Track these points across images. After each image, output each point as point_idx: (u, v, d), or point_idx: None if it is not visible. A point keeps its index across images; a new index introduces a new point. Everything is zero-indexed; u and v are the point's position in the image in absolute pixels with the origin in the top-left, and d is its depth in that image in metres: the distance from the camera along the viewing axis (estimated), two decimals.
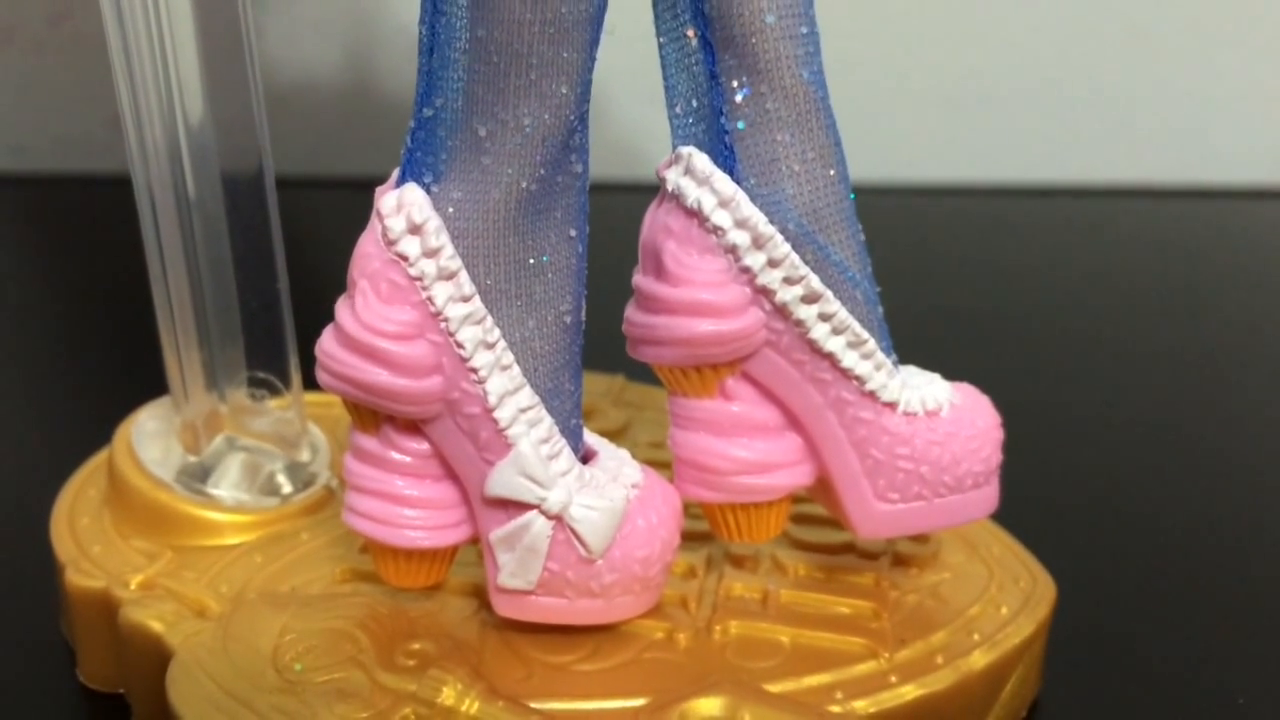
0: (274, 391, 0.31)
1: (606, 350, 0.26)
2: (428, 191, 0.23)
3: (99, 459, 0.32)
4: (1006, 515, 0.30)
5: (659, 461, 0.28)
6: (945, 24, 0.68)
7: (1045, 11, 0.68)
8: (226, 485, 0.30)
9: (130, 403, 0.33)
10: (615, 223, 0.26)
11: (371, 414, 0.25)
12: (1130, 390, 0.46)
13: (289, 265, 0.30)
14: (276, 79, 0.68)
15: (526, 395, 0.25)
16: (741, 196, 0.24)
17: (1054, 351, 0.49)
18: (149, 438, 0.31)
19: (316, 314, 0.26)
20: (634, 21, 0.25)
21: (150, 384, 0.32)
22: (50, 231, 0.62)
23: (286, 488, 0.31)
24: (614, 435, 0.35)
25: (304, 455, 0.31)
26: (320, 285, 0.24)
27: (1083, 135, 0.69)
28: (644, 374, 0.27)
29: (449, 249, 0.23)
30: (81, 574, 0.28)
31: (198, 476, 0.30)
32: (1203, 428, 0.43)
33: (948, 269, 0.58)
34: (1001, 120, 0.69)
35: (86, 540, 0.29)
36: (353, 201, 0.24)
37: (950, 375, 0.28)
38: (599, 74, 0.24)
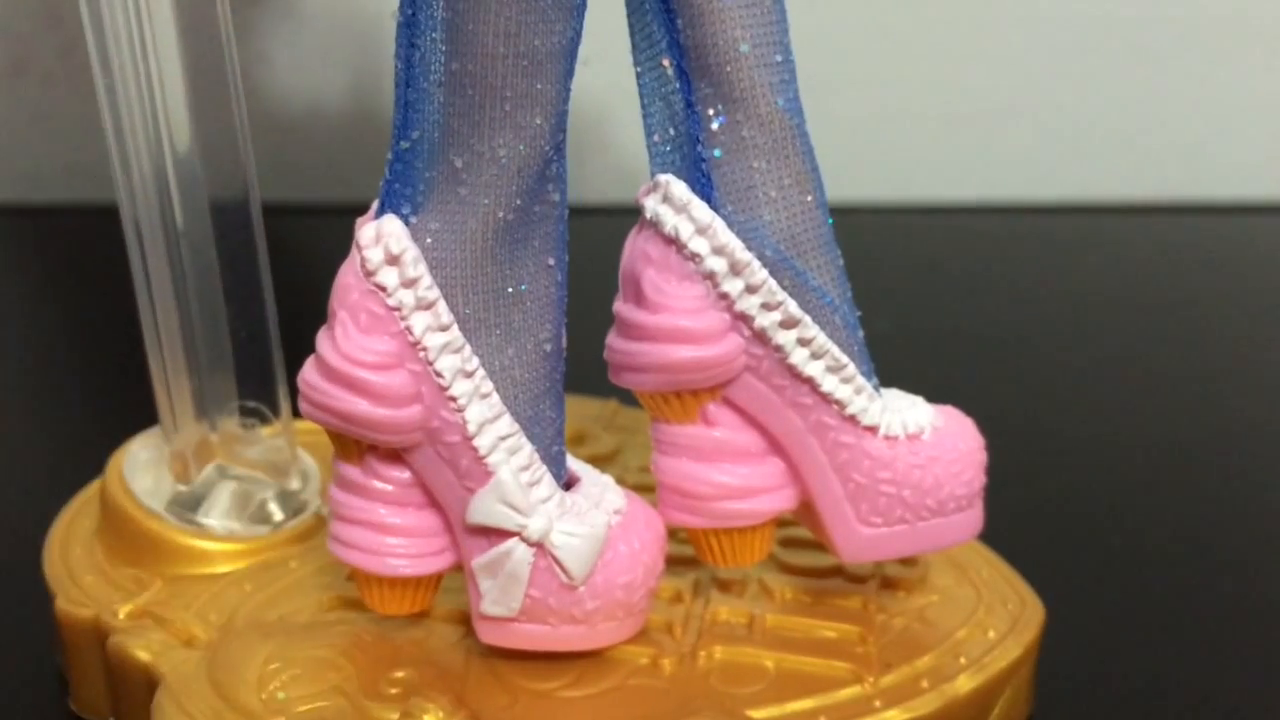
0: (264, 420, 0.31)
1: (602, 375, 0.26)
2: (406, 222, 0.24)
3: (92, 489, 0.33)
4: (998, 537, 0.30)
5: (649, 486, 0.28)
6: (945, 42, 0.68)
7: (1044, 29, 0.68)
8: (217, 514, 0.30)
9: (125, 432, 0.33)
10: (621, 246, 0.26)
11: (354, 443, 0.25)
12: (1129, 409, 0.46)
13: (295, 292, 0.30)
14: (285, 107, 0.69)
15: (506, 423, 0.25)
16: (719, 223, 0.24)
17: (1055, 369, 0.49)
18: (140, 467, 0.31)
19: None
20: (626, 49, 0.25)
21: (146, 413, 0.32)
22: (61, 261, 0.63)
23: (278, 515, 0.31)
24: (605, 459, 0.35)
25: (294, 483, 0.31)
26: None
27: (1082, 152, 0.69)
28: (636, 399, 0.27)
29: (426, 279, 0.24)
30: (72, 603, 0.28)
31: (189, 506, 0.30)
32: (1197, 447, 0.43)
33: (948, 287, 0.58)
34: (1001, 138, 0.69)
35: (78, 570, 0.30)
36: None
37: (951, 392, 0.28)
38: (604, 99, 0.24)
